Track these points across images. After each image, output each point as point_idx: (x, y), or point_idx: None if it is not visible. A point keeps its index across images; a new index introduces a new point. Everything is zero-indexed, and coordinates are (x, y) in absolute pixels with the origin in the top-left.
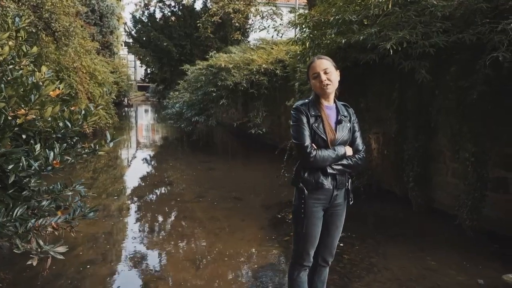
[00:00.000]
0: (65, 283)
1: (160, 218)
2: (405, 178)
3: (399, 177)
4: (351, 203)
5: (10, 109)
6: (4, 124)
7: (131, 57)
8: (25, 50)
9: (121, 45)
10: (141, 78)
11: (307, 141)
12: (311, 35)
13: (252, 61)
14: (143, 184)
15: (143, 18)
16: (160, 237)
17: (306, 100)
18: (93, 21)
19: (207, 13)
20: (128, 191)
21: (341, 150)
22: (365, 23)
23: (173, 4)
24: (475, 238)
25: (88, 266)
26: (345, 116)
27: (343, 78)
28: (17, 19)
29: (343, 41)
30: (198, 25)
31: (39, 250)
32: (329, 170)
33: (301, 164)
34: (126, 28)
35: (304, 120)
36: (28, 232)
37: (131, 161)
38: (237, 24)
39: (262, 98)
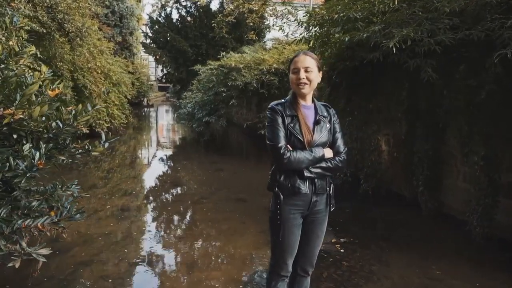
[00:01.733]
0: (55, 284)
1: (159, 221)
2: (414, 181)
3: (409, 180)
4: (332, 209)
5: None
6: None
7: (152, 57)
8: (17, 50)
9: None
10: (157, 79)
11: (281, 142)
12: (317, 34)
13: (263, 61)
14: (150, 184)
15: (159, 19)
16: (155, 240)
17: (283, 100)
18: (113, 22)
19: (221, 13)
20: (134, 192)
21: (318, 152)
22: (374, 21)
23: (188, 4)
24: (485, 246)
25: (81, 269)
26: (324, 116)
27: (351, 78)
28: (15, 19)
29: (346, 39)
30: (213, 25)
31: (22, 251)
32: (306, 174)
33: (276, 167)
34: (143, 29)
35: (279, 120)
36: (14, 233)
37: (143, 161)
38: (251, 24)
39: (273, 98)
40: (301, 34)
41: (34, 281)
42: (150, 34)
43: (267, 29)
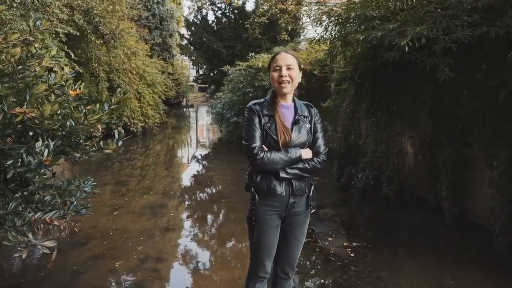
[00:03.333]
0: (66, 276)
1: (177, 218)
2: (438, 185)
3: (433, 184)
4: (312, 211)
5: (8, 107)
6: (4, 122)
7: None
8: (33, 52)
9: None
10: (193, 79)
11: (256, 143)
12: (337, 33)
13: None
14: (176, 182)
15: (196, 21)
16: (170, 237)
17: (262, 100)
18: (153, 25)
19: (254, 14)
20: (157, 189)
21: (295, 152)
22: (391, 19)
23: (223, 6)
24: (507, 256)
25: (93, 263)
26: (304, 116)
27: (374, 78)
28: (38, 22)
29: (361, 38)
30: (246, 26)
31: (29, 243)
32: (282, 175)
33: (253, 168)
34: (180, 31)
35: (256, 120)
36: (25, 225)
37: (175, 160)
38: (283, 25)
39: (300, 99)
40: (319, 33)
41: (47, 272)
42: (187, 36)
43: (302, 29)
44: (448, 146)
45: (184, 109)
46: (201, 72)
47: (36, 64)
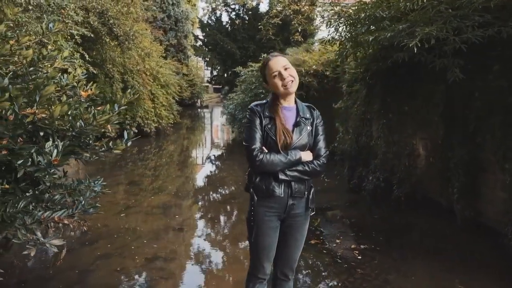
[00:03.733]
0: (74, 274)
1: (186, 219)
2: (450, 188)
3: (445, 187)
4: (312, 213)
5: (19, 107)
6: (15, 122)
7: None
8: (44, 53)
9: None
10: (207, 80)
11: (256, 144)
12: (347, 34)
13: (303, 62)
14: (187, 182)
15: (210, 22)
16: (178, 237)
17: (264, 101)
18: (168, 26)
19: (267, 15)
20: (168, 190)
21: (295, 154)
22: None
23: (237, 7)
24: None
25: (101, 262)
26: (306, 118)
27: (386, 79)
28: (50, 25)
29: (370, 39)
30: (260, 27)
31: (38, 241)
32: (281, 177)
33: (252, 169)
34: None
35: (257, 121)
36: (34, 223)
37: (188, 160)
38: (296, 26)
39: (312, 100)
40: (329, 34)
41: (56, 270)
42: (201, 37)
43: (315, 30)
44: (460, 148)
45: (199, 110)
46: (215, 73)
47: (49, 65)
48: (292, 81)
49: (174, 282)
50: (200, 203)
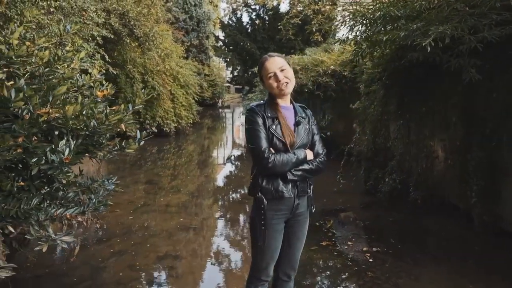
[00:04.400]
0: (87, 269)
1: (201, 218)
2: (468, 191)
3: (464, 190)
4: (313, 211)
5: (33, 107)
6: (30, 121)
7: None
8: (59, 54)
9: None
10: (227, 81)
11: (264, 145)
12: (363, 34)
13: (321, 63)
14: (203, 182)
15: (230, 23)
16: (190, 236)
17: (262, 102)
18: (190, 27)
19: (287, 15)
20: (184, 189)
21: (301, 153)
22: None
23: (257, 8)
24: None
25: (114, 258)
26: (303, 118)
27: (403, 79)
28: (68, 26)
29: (384, 38)
30: (280, 27)
31: (49, 237)
32: (290, 177)
33: (258, 171)
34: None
35: (260, 122)
36: (47, 220)
37: (207, 160)
38: (312, 26)
39: (330, 100)
40: (344, 34)
41: (70, 265)
42: (222, 37)
43: (336, 30)
44: (479, 150)
45: (220, 110)
46: (235, 73)
47: (66, 66)
48: (287, 83)
49: (184, 281)
50: (217, 203)
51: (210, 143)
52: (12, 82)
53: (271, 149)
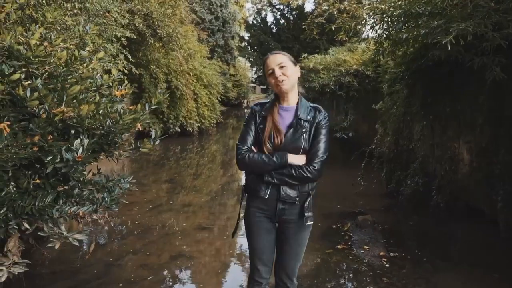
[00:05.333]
0: (100, 267)
1: (217, 218)
2: (494, 196)
3: (489, 194)
4: (307, 223)
5: (49, 106)
6: (46, 120)
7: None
8: (76, 55)
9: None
10: (251, 81)
11: (243, 143)
12: (384, 32)
13: (344, 62)
14: (221, 183)
15: (255, 22)
16: (204, 235)
17: (266, 100)
18: (216, 28)
19: (311, 14)
20: (202, 189)
21: (281, 157)
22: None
23: (282, 7)
24: None
25: (128, 257)
26: (304, 120)
27: (427, 79)
28: (87, 27)
29: (404, 36)
30: (304, 27)
31: (62, 235)
32: (266, 178)
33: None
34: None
35: (252, 121)
36: (61, 217)
37: (228, 160)
38: (341, 25)
39: (353, 101)
40: (364, 32)
41: (85, 262)
42: (246, 38)
43: (361, 29)
44: (507, 153)
45: (245, 110)
46: (259, 73)
47: (84, 66)
48: (284, 80)
49: (195, 281)
50: (235, 203)
51: (234, 143)
52: (29, 82)
53: (253, 148)
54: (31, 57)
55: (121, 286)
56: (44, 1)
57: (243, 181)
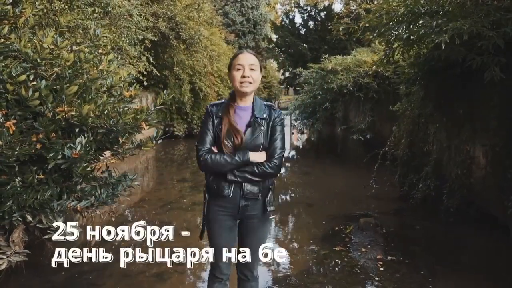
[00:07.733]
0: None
1: None
2: (505, 202)
3: (502, 199)
4: (270, 217)
5: (52, 106)
6: (50, 119)
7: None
8: (82, 57)
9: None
10: (278, 82)
11: (203, 144)
12: (393, 32)
13: (364, 63)
14: None
15: (283, 24)
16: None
17: (222, 101)
18: (247, 29)
19: (337, 15)
20: None
21: (243, 155)
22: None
23: (309, 8)
24: None
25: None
26: (261, 119)
27: (440, 80)
28: (97, 31)
29: (405, 36)
30: (330, 28)
31: (58, 227)
32: (229, 177)
33: (200, 169)
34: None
35: (209, 122)
36: (61, 211)
37: None
38: (367, 25)
39: (371, 102)
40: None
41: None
42: (274, 39)
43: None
44: None
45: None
46: (287, 74)
47: (95, 68)
48: (251, 83)
49: (190, 277)
50: None
51: None
52: (34, 83)
53: (212, 149)
54: (38, 60)
55: (121, 278)
56: (66, 6)
57: None
